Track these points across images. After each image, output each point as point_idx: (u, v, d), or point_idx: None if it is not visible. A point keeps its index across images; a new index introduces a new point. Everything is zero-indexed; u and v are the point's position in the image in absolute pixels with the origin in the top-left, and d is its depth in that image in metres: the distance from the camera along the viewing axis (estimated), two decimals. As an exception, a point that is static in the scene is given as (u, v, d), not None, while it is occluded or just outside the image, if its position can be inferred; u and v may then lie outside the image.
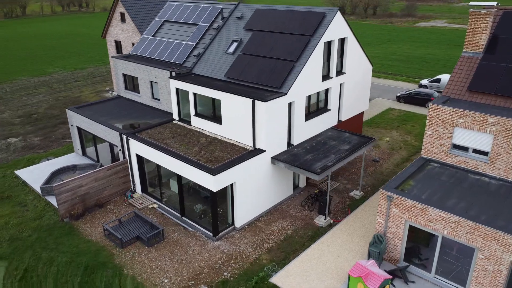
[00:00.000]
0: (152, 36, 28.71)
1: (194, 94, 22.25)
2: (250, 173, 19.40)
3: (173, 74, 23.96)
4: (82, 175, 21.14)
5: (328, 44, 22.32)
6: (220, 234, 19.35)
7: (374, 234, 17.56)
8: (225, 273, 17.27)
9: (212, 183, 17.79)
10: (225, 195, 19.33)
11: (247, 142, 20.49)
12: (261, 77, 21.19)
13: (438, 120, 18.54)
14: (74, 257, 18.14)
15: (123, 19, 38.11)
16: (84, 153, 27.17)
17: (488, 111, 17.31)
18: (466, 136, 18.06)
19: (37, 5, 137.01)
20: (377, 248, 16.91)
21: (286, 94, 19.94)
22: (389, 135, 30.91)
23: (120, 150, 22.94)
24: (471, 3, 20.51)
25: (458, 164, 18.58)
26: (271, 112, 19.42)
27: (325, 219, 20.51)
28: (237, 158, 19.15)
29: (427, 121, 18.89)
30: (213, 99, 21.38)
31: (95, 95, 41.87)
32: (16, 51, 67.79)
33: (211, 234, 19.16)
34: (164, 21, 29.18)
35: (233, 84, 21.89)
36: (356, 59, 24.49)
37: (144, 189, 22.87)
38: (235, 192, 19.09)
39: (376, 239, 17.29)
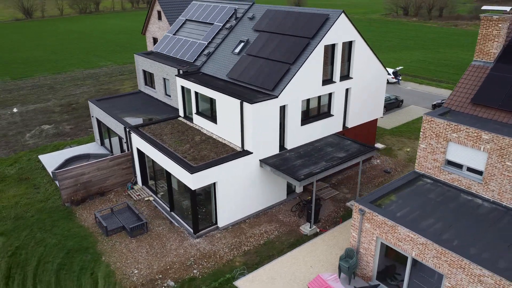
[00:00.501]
0: (173, 34, 29.62)
1: (196, 92, 22.66)
2: (234, 174, 19.41)
3: (181, 72, 24.57)
4: (85, 163, 22.47)
5: (332, 48, 21.59)
6: (201, 232, 19.60)
7: (346, 248, 16.80)
8: (194, 271, 17.50)
9: (191, 181, 18.07)
10: (210, 194, 19.55)
11: (237, 143, 20.51)
12: (258, 78, 21.06)
13: (432, 133, 17.25)
14: (63, 240, 19.39)
15: (159, 17, 39.66)
16: (102, 143, 28.80)
17: (484, 127, 15.78)
18: (460, 153, 16.63)
19: (109, 2, 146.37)
20: (347, 262, 16.16)
21: (277, 97, 19.65)
22: (412, 145, 29.19)
23: (125, 142, 24.04)
24: (484, 7, 18.71)
25: (451, 182, 17.16)
26: (259, 114, 19.25)
27: (310, 228, 19.95)
28: (221, 159, 19.25)
29: (421, 133, 17.65)
30: (211, 99, 21.63)
31: (133, 89, 44.02)
32: (80, 44, 73.07)
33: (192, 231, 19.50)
34: (186, 20, 29.97)
35: (232, 85, 21.99)
36: (366, 64, 23.41)
37: (144, 182, 23.77)
38: (217, 192, 19.22)
39: (348, 253, 16.53)
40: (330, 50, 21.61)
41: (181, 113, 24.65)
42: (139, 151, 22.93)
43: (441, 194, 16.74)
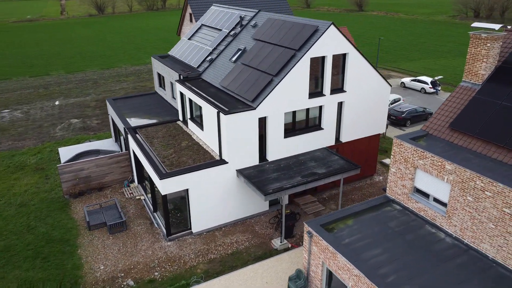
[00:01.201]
0: (188, 39, 30.52)
1: (189, 98, 23.30)
2: (207, 182, 19.75)
3: (181, 77, 25.33)
4: (85, 159, 24.13)
5: (321, 60, 21.03)
6: (173, 236, 20.25)
7: (296, 269, 16.46)
8: (156, 273, 18.18)
9: (161, 186, 18.75)
10: (186, 199, 20.11)
11: (217, 151, 20.83)
12: (243, 88, 21.16)
13: (401, 157, 16.28)
14: (50, 230, 21.08)
15: (191, 19, 40.92)
16: (116, 140, 30.57)
17: (449, 156, 14.59)
18: (426, 181, 15.55)
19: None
20: (295, 284, 15.86)
21: (254, 108, 19.63)
22: (424, 163, 27.40)
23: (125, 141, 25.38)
24: (474, 24, 17.05)
25: (417, 211, 16.10)
26: (234, 125, 19.37)
27: (280, 242, 19.75)
28: (194, 166, 19.68)
29: (391, 157, 16.72)
30: (200, 106, 22.13)
31: (166, 87, 45.88)
32: (135, 40, 77.30)
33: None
34: (202, 25, 30.71)
35: (222, 93, 22.29)
36: (363, 78, 22.45)
37: (140, 181, 24.96)
38: (190, 198, 19.71)
39: (298, 274, 16.19)
40: (319, 62, 21.06)
41: (180, 117, 25.45)
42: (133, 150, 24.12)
43: (404, 223, 15.77)
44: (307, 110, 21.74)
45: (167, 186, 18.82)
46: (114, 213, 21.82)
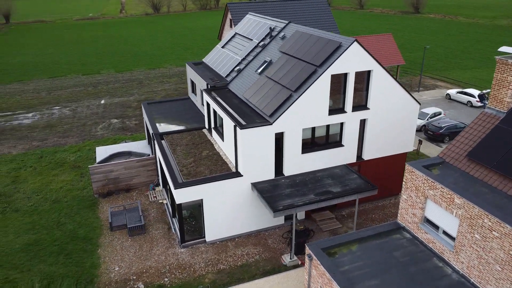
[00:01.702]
0: (222, 47, 31.08)
1: (213, 109, 23.82)
2: (222, 194, 20.15)
3: (209, 86, 25.91)
4: (115, 162, 25.44)
5: (343, 77, 20.65)
6: (188, 243, 20.88)
7: (297, 290, 16.41)
8: (166, 279, 18.89)
9: (175, 195, 19.40)
10: (201, 208, 20.66)
11: (234, 163, 21.16)
12: (263, 102, 21.30)
13: (412, 185, 15.70)
14: (77, 227, 22.51)
15: (231, 25, 41.56)
16: (149, 143, 31.85)
17: (459, 189, 13.87)
18: (436, 212, 14.88)
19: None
20: (293, 305, 15.84)
21: (271, 124, 19.72)
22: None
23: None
24: (501, 49, 15.90)
25: (427, 243, 15.46)
26: (250, 139, 19.58)
27: (290, 259, 19.74)
28: (209, 178, 20.13)
29: (403, 183, 16.16)
30: (222, 117, 22.57)
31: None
32: (184, 41, 79.58)
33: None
34: (236, 33, 31.14)
35: (244, 105, 22.57)
36: (388, 95, 21.75)
37: (164, 185, 25.89)
38: (204, 208, 20.21)
39: (298, 296, 16.15)
40: (341, 79, 20.70)
41: (206, 125, 26.07)
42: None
43: (410, 253, 15.22)
44: (327, 126, 21.47)
45: (181, 195, 19.45)
46: (136, 215, 22.85)
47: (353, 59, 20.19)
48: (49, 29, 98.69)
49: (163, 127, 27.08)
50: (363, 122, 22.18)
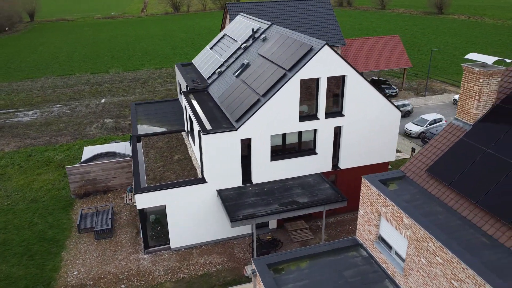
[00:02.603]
0: (210, 48, 30.54)
1: (187, 112, 23.32)
2: (186, 200, 19.60)
3: (188, 88, 25.42)
4: (93, 163, 25.31)
5: (316, 82, 19.71)
6: (152, 249, 20.44)
7: (244, 305, 15.65)
8: (122, 286, 18.51)
9: (137, 200, 18.99)
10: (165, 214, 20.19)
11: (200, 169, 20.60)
12: (233, 106, 20.63)
13: (368, 200, 14.69)
14: (47, 228, 22.45)
15: (230, 25, 40.94)
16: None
17: (408, 208, 12.80)
18: (389, 231, 13.84)
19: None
20: (239, 321, 15.10)
21: (236, 129, 19.02)
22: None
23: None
24: (468, 56, 14.55)
25: (380, 262, 14.41)
26: (214, 145, 18.95)
27: (251, 270, 18.96)
28: (174, 183, 19.61)
29: (360, 197, 15.16)
30: (192, 120, 22.04)
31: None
32: (198, 41, 79.60)
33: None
34: (224, 34, 30.54)
35: (216, 109, 21.95)
36: (365, 102, 20.65)
37: (142, 187, 25.59)
38: (168, 214, 19.72)
39: (244, 312, 15.40)
40: (312, 84, 19.77)
41: (185, 127, 25.61)
42: (136, 159, 24.77)
43: (362, 273, 14.22)
44: (299, 133, 20.58)
45: (143, 200, 19.02)
46: (105, 218, 22.60)
47: (324, 64, 19.23)
48: (69, 28, 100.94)
49: (144, 129, 26.78)
50: (338, 130, 21.15)
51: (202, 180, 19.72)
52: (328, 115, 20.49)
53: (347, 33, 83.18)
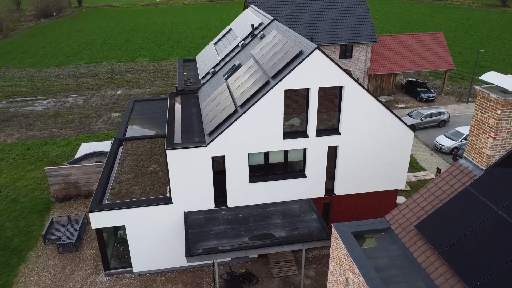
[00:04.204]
0: (214, 43, 27.74)
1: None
2: (148, 221, 17.18)
3: (177, 89, 22.85)
4: (73, 165, 23.58)
5: (306, 93, 16.38)
6: (112, 271, 18.29)
7: None
8: (70, 313, 16.55)
9: (91, 219, 16.82)
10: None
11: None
12: (210, 117, 17.80)
13: (337, 256, 11.43)
14: (15, 234, 20.98)
15: (250, 17, 37.84)
16: (134, 142, 29.74)
17: (374, 283, 9.44)
18: (356, 303, 10.53)
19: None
20: None
21: (206, 146, 16.21)
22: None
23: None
24: (483, 77, 10.56)
25: None
26: (180, 162, 16.29)
27: (215, 310, 16.31)
28: (135, 201, 17.20)
29: (331, 250, 11.92)
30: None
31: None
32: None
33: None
34: (230, 28, 27.58)
35: (195, 118, 19.25)
36: (369, 119, 17.03)
37: (124, 195, 23.54)
38: (128, 235, 17.42)
39: None
40: (300, 95, 16.45)
41: (173, 132, 23.15)
42: (118, 164, 22.69)
43: None
44: (286, 152, 17.40)
45: (98, 220, 16.81)
46: (73, 230, 20.75)
47: (315, 72, 15.83)
48: (112, 14, 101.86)
49: (133, 130, 24.61)
50: (333, 150, 17.70)
51: (168, 200, 17.17)
52: (321, 132, 17.11)
53: (393, 26, 76.97)
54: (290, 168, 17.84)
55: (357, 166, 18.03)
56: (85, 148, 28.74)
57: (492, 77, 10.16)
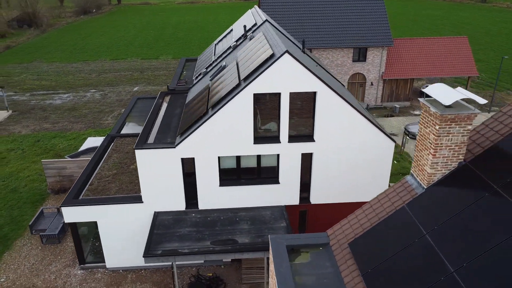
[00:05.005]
0: (216, 44, 27.69)
1: (157, 115, 20.94)
2: (118, 219, 17.36)
3: (169, 88, 22.98)
4: (69, 159, 24.28)
5: (277, 97, 15.94)
6: (88, 265, 18.66)
7: None
8: (40, 303, 17.02)
9: (64, 212, 17.21)
10: (103, 229, 18.23)
11: (146, 185, 18.14)
12: (185, 118, 17.74)
13: (272, 269, 11.00)
14: (6, 223, 21.85)
15: (264, 18, 37.54)
16: (136, 139, 30.26)
17: (290, 302, 8.99)
18: (281, 321, 10.07)
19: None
20: None
21: (174, 147, 16.15)
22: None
23: (114, 147, 24.58)
24: (425, 89, 9.63)
25: None
26: (148, 162, 16.34)
27: (176, 312, 16.23)
28: (106, 198, 17.43)
29: (270, 261, 11.52)
30: (154, 127, 19.61)
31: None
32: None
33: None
34: (231, 29, 27.42)
35: (176, 118, 19.26)
36: (346, 127, 16.34)
37: (115, 190, 23.97)
38: (100, 231, 17.68)
39: None
40: (272, 100, 16.02)
41: (164, 131, 23.30)
42: (109, 160, 23.13)
43: None
44: (258, 157, 17.03)
45: (70, 214, 17.18)
46: (59, 222, 21.33)
47: (285, 77, 15.36)
48: (148, 12, 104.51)
49: (129, 128, 25.03)
50: (308, 157, 17.13)
51: (138, 199, 17.27)
52: (293, 138, 16.60)
53: (427, 28, 74.04)
54: (264, 173, 17.45)
55: (334, 175, 17.37)
56: (91, 142, 29.54)
57: (434, 89, 9.38)
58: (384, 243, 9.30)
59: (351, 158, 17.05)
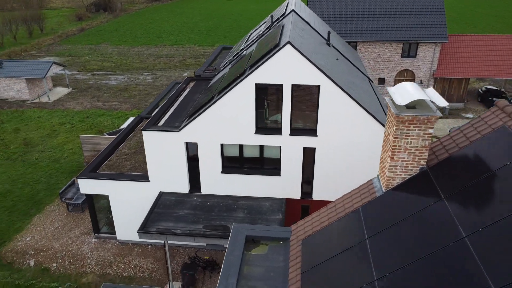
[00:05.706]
0: (250, 33, 27.72)
1: (179, 100, 21.67)
2: (128, 195, 18.38)
3: (195, 75, 23.58)
4: (103, 136, 25.98)
5: (276, 89, 15.75)
6: (101, 235, 20.03)
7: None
8: (54, 264, 18.65)
9: (80, 184, 18.57)
10: (117, 203, 19.41)
11: (156, 165, 18.96)
12: (196, 104, 18.17)
13: (232, 257, 11.10)
14: (43, 189, 23.99)
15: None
16: (172, 122, 31.47)
17: (226, 290, 9.05)
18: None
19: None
20: None
21: (178, 131, 16.68)
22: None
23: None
24: (389, 89, 8.78)
25: None
26: (154, 144, 17.07)
27: (169, 289, 16.94)
28: (117, 175, 18.48)
29: (234, 250, 11.60)
30: (172, 111, 20.35)
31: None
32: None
33: (97, 230, 20.22)
34: (269, 16, 27.24)
35: (192, 103, 19.78)
36: (352, 124, 15.73)
37: (142, 169, 25.29)
38: (111, 204, 18.87)
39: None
40: (275, 91, 15.85)
41: (189, 116, 24.06)
42: (136, 140, 24.41)
43: None
44: (261, 147, 17.02)
45: (86, 186, 18.51)
46: (88, 193, 22.98)
47: (287, 68, 15.12)
48: (214, 0, 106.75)
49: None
50: (311, 152, 16.77)
51: (145, 179, 18.13)
52: (295, 132, 16.34)
53: (508, 24, 67.67)
54: (266, 164, 17.42)
55: (338, 172, 16.86)
56: (125, 125, 31.28)
57: (395, 88, 8.76)
58: (330, 244, 9.00)
59: (356, 156, 16.42)
